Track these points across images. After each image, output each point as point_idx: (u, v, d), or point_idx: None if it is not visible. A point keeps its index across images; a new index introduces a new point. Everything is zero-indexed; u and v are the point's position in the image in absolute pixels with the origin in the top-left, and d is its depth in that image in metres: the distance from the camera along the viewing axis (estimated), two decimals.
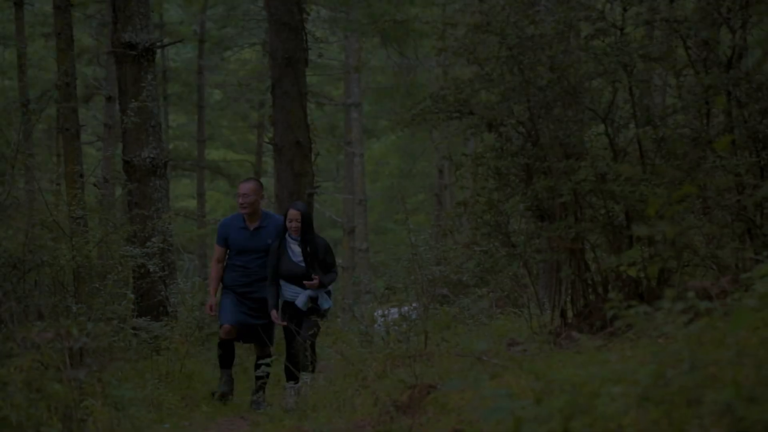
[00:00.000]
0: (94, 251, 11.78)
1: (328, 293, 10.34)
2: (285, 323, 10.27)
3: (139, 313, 12.87)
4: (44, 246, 10.64)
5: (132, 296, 11.63)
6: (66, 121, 13.24)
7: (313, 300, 10.22)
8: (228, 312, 10.41)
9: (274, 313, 10.26)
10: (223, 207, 45.71)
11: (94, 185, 16.79)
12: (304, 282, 10.08)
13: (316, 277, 10.09)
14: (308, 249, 10.19)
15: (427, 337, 8.92)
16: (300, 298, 10.13)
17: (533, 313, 8.79)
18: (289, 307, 10.27)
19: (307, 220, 10.27)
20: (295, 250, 10.20)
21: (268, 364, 9.86)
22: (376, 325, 9.94)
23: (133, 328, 11.40)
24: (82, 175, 13.23)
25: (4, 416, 4.88)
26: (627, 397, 4.36)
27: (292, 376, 10.04)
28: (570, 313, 7.97)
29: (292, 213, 10.26)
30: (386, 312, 10.09)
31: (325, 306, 10.26)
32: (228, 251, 10.68)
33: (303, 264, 10.14)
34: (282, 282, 10.30)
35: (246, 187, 10.64)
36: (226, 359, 10.41)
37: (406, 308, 11.03)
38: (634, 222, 7.52)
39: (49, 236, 10.94)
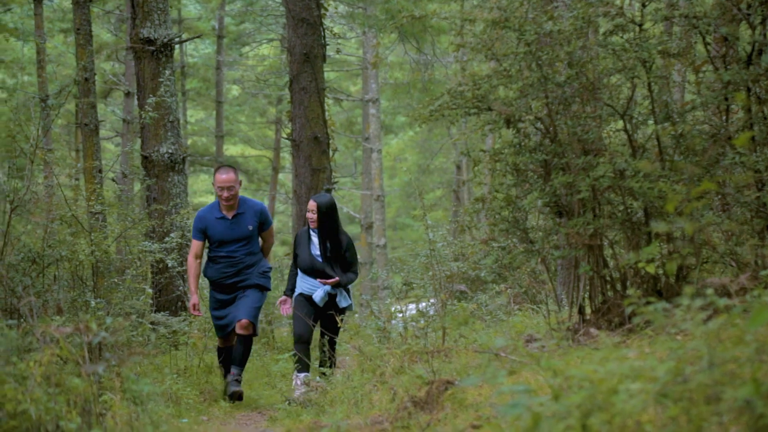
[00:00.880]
0: (112, 246, 11.82)
1: (348, 291, 10.26)
2: (289, 312, 10.23)
3: (158, 308, 12.92)
4: (63, 241, 10.68)
5: (150, 291, 11.66)
6: (85, 117, 13.29)
7: (331, 296, 10.14)
8: (222, 322, 10.20)
9: (284, 300, 10.23)
10: None
11: (113, 180, 16.86)
12: (320, 281, 10.03)
13: (336, 278, 10.01)
14: (327, 244, 10.08)
15: (445, 333, 8.91)
16: (317, 293, 10.06)
17: (551, 310, 8.77)
18: (306, 300, 10.17)
19: (325, 213, 10.08)
20: (316, 243, 10.13)
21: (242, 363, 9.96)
22: (393, 321, 9.91)
23: (152, 323, 11.44)
24: (100, 171, 13.28)
25: (23, 410, 4.90)
26: (645, 394, 4.36)
27: (303, 368, 10.00)
28: (588, 310, 7.96)
29: (311, 204, 10.14)
30: (404, 308, 10.06)
31: (343, 304, 10.17)
32: (208, 244, 10.34)
33: (321, 259, 10.06)
34: (300, 273, 10.23)
35: (228, 178, 10.12)
36: (228, 363, 10.29)
37: (423, 304, 11.03)
38: (653, 218, 7.50)
39: (68, 231, 10.98)
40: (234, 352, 10.14)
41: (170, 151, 13.87)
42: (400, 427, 6.89)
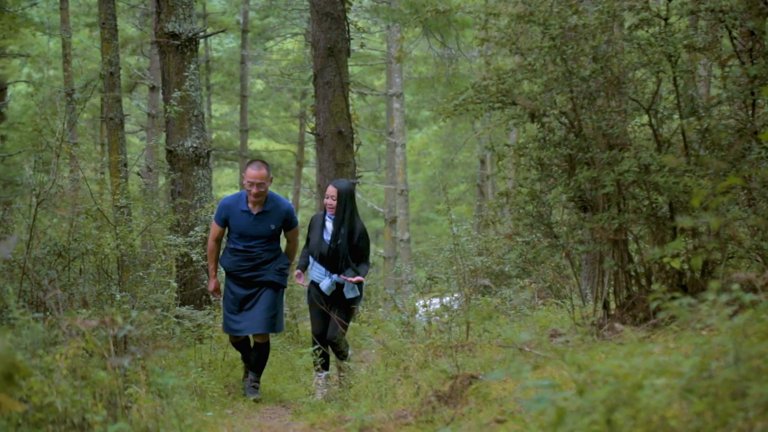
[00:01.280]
0: (137, 240, 11.85)
1: (359, 283, 10.04)
2: (305, 284, 10.12)
3: (182, 302, 12.96)
4: (89, 235, 10.72)
5: (175, 285, 11.69)
6: (110, 111, 13.34)
7: (339, 286, 9.98)
8: (231, 319, 10.00)
9: (298, 274, 10.08)
10: None
11: (138, 174, 16.92)
12: (343, 277, 9.86)
13: (360, 278, 9.85)
14: (342, 231, 9.89)
15: (469, 328, 8.91)
16: (324, 282, 9.93)
17: (576, 305, 8.76)
18: (316, 290, 10.08)
19: (345, 199, 9.91)
20: (330, 230, 9.95)
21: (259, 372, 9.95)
22: (417, 316, 9.91)
23: (177, 317, 11.47)
24: (126, 165, 13.33)
25: (50, 402, 4.93)
26: (670, 390, 4.35)
27: (324, 366, 9.93)
28: (613, 305, 7.94)
29: (330, 190, 9.97)
30: (428, 302, 10.06)
31: (350, 295, 9.98)
32: (228, 232, 10.14)
33: (332, 245, 9.89)
34: (311, 261, 10.12)
35: (259, 174, 9.86)
36: (246, 353, 10.21)
37: (447, 298, 11.03)
38: (678, 213, 7.48)
39: (93, 225, 11.02)
40: (251, 359, 10.12)
41: (195, 145, 13.90)
42: (424, 421, 6.90)
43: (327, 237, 9.92)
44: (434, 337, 8.58)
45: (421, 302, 10.12)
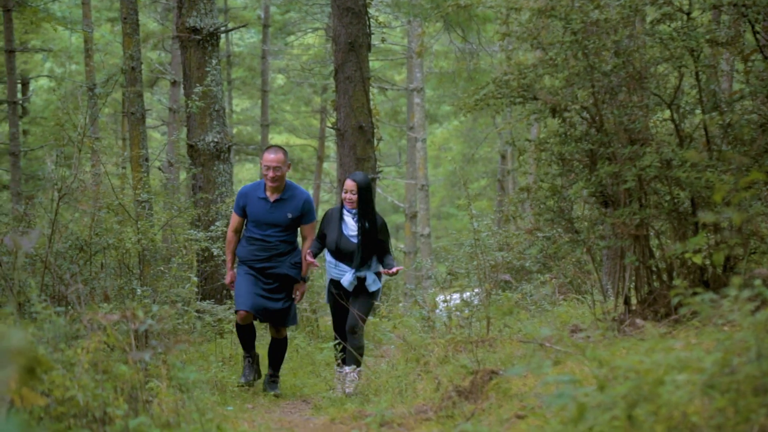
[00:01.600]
0: (158, 234, 11.89)
1: (378, 275, 9.91)
2: (316, 264, 9.92)
3: (203, 296, 13.00)
4: (110, 229, 10.76)
5: (196, 279, 11.72)
6: (131, 106, 13.38)
7: (360, 280, 9.83)
8: (244, 295, 9.77)
9: (309, 254, 9.81)
10: None
11: (159, 169, 16.95)
12: (382, 270, 9.76)
13: (398, 267, 9.68)
14: (366, 225, 9.74)
15: (490, 323, 8.90)
16: (346, 277, 9.74)
17: (597, 300, 8.74)
18: (336, 288, 9.93)
19: (365, 193, 9.75)
20: (349, 224, 9.79)
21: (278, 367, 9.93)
22: (437, 311, 9.89)
23: (197, 311, 11.51)
24: (147, 159, 13.36)
25: (71, 396, 4.95)
26: (692, 385, 4.33)
27: (351, 361, 9.72)
28: (634, 300, 7.92)
29: (349, 183, 9.78)
30: (448, 297, 10.03)
31: (373, 288, 9.82)
32: (246, 222, 9.99)
33: (355, 240, 9.73)
34: (328, 257, 9.95)
35: (276, 158, 9.76)
36: (247, 341, 10.01)
37: (468, 294, 11.01)
38: (700, 208, 7.45)
39: (115, 219, 11.07)
40: (269, 354, 10.09)
41: (216, 139, 13.93)
42: (444, 416, 6.89)
43: (347, 231, 9.75)
44: (455, 333, 8.57)
45: (442, 297, 10.09)
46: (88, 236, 10.44)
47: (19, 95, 29.35)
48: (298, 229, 10.04)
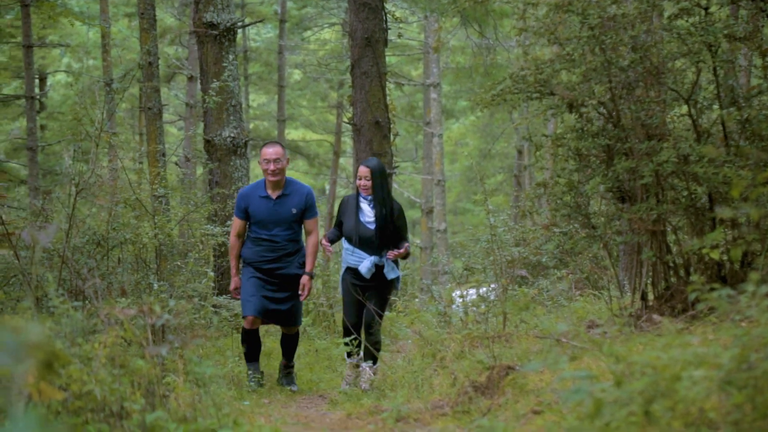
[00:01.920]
0: (175, 229, 11.91)
1: (395, 262, 9.76)
2: (332, 250, 9.83)
3: (220, 291, 13.02)
4: (127, 224, 10.79)
5: (212, 274, 11.75)
6: (148, 101, 13.41)
7: (378, 268, 9.67)
8: (250, 299, 9.62)
9: (326, 240, 9.77)
10: None
11: (176, 164, 17.00)
12: (389, 254, 9.56)
13: (406, 244, 9.56)
14: (383, 211, 9.59)
15: (506, 319, 8.90)
16: (364, 264, 9.58)
17: (613, 296, 8.72)
18: (353, 276, 9.75)
19: (379, 178, 9.61)
20: (366, 211, 9.66)
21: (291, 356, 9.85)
22: (454, 306, 9.88)
23: (214, 306, 11.53)
24: (164, 154, 13.40)
25: (88, 390, 4.96)
26: (709, 381, 4.32)
27: (368, 356, 9.63)
28: (651, 296, 7.90)
29: (362, 170, 9.66)
30: (464, 293, 10.01)
31: (391, 276, 9.66)
32: (249, 224, 9.80)
33: (372, 227, 9.60)
34: (345, 245, 9.80)
35: (274, 151, 9.63)
36: (252, 353, 9.75)
37: (484, 289, 11.00)
38: (718, 204, 7.43)
39: (132, 214, 11.09)
40: (282, 345, 10.01)
41: (232, 135, 13.95)
42: (460, 411, 6.89)
43: (363, 218, 9.63)
44: (471, 328, 8.57)
45: (458, 293, 10.09)
46: (106, 231, 10.47)
47: (37, 90, 29.45)
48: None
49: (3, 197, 8.70)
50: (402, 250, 9.51)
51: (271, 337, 12.30)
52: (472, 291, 10.24)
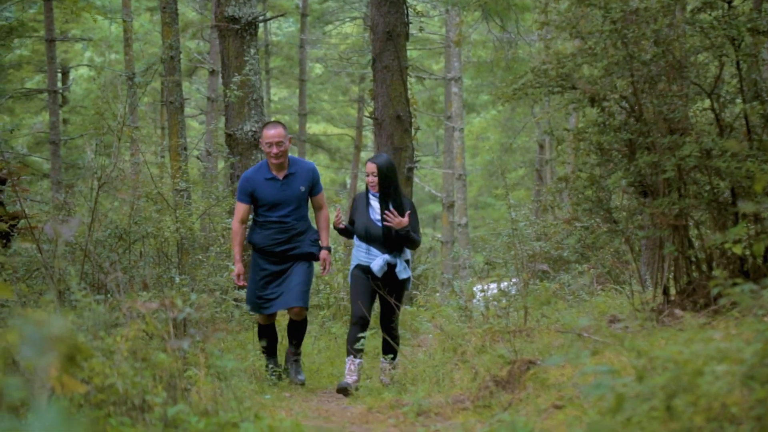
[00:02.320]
0: (197, 223, 11.94)
1: (407, 262, 9.58)
2: (343, 226, 9.54)
3: (241, 285, 13.04)
4: (149, 218, 10.82)
5: (234, 268, 11.76)
6: (170, 95, 13.45)
7: (390, 267, 9.46)
8: (261, 298, 9.51)
9: (341, 225, 9.54)
10: (323, 181, 46.03)
11: (197, 158, 17.04)
12: (385, 213, 9.28)
13: (407, 212, 9.25)
14: (390, 207, 9.34)
15: (527, 313, 8.89)
16: (376, 262, 9.38)
17: (635, 290, 8.71)
18: (364, 275, 9.50)
19: (386, 175, 9.39)
20: (376, 208, 9.45)
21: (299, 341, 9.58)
22: (475, 300, 9.87)
23: (235, 300, 11.55)
24: (185, 148, 13.44)
25: (111, 384, 4.98)
26: (731, 376, 4.31)
27: (388, 350, 9.48)
28: (673, 291, 7.88)
29: (369, 166, 9.48)
30: (485, 287, 10.00)
31: (403, 276, 9.44)
32: (255, 208, 9.60)
33: (382, 225, 9.38)
34: (357, 242, 9.59)
35: (277, 133, 9.41)
36: (270, 347, 9.70)
37: (505, 283, 10.99)
38: (740, 198, 7.40)
39: (153, 208, 11.12)
40: (289, 332, 9.71)
41: (254, 129, 13.97)
42: (481, 406, 6.89)
43: (373, 216, 9.44)
44: (492, 322, 8.57)
45: (479, 287, 10.07)
46: (128, 225, 10.50)
47: (60, 84, 29.55)
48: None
49: (26, 191, 8.72)
50: (402, 220, 9.21)
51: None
52: (493, 285, 10.23)
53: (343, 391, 9.02)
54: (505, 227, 13.30)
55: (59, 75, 30.20)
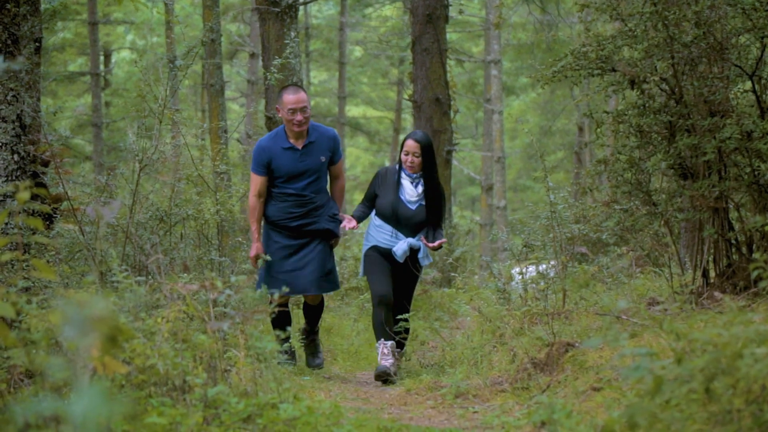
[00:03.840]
0: (237, 206, 12.00)
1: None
2: (355, 226, 8.80)
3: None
4: (189, 200, 10.88)
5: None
6: (211, 78, 13.51)
7: (413, 252, 9.00)
8: (279, 272, 8.85)
9: (350, 219, 8.82)
10: (362, 163, 46.08)
11: (238, 141, 17.09)
12: (422, 238, 8.89)
13: (443, 240, 8.84)
14: (429, 192, 8.89)
15: (566, 295, 8.88)
16: (399, 245, 8.88)
17: (674, 273, 8.67)
18: (381, 256, 9.01)
19: (429, 154, 8.86)
20: (407, 189, 8.92)
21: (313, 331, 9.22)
22: (513, 283, 9.86)
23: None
24: (225, 131, 13.49)
25: (151, 365, 5.03)
26: None
27: (391, 336, 8.80)
28: (712, 273, 7.85)
29: (410, 144, 8.82)
30: (524, 270, 9.97)
31: (425, 262, 9.04)
32: (270, 179, 8.89)
33: (414, 207, 8.90)
34: (379, 222, 9.03)
35: (299, 97, 8.69)
36: (282, 325, 8.61)
37: (543, 266, 10.96)
38: None
39: (194, 191, 11.18)
40: (305, 312, 9.30)
41: None
42: (519, 388, 6.91)
43: (404, 197, 8.88)
44: (530, 305, 8.56)
45: (517, 269, 10.06)
46: (168, 207, 10.57)
47: (102, 67, 29.73)
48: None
49: (68, 173, 8.78)
50: (436, 244, 8.82)
51: (331, 313, 12.35)
52: (532, 268, 10.20)
53: (383, 376, 8.55)
54: (543, 210, 13.23)
55: (101, 58, 30.38)
